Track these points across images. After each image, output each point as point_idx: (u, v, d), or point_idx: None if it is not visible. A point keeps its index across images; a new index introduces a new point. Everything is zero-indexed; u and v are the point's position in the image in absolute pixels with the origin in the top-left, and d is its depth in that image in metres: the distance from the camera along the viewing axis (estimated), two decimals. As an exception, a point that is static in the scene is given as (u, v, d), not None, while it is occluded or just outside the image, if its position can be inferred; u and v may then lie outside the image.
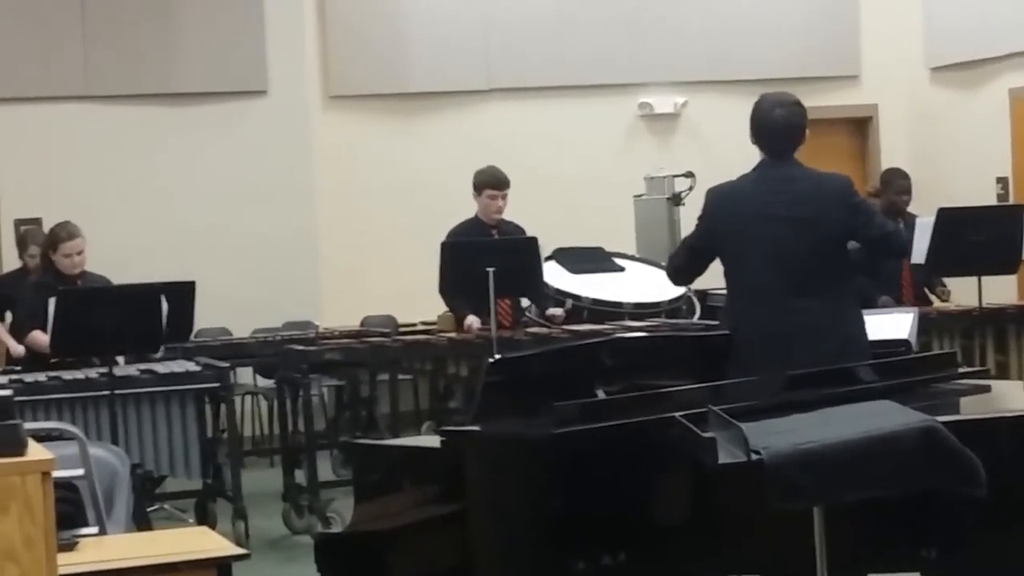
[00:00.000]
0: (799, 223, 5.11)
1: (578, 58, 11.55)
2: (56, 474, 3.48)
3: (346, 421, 9.09)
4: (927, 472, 3.42)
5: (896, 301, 8.03)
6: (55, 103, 10.48)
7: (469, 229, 8.20)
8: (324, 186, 11.02)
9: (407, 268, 10.19)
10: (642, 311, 8.44)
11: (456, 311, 8.24)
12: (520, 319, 8.32)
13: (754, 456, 3.28)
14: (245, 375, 9.71)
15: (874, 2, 12.17)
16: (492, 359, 4.12)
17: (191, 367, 7.32)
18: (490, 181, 8.27)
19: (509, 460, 3.76)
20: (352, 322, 10.27)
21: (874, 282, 7.74)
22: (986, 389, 4.59)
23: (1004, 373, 7.97)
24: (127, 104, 10.63)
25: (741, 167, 5.53)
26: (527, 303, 8.47)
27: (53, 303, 6.92)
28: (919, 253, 8.01)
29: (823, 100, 10.69)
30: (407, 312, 10.49)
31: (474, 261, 7.44)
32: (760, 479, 3.27)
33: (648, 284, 8.89)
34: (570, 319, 8.32)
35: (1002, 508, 3.75)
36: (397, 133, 11.32)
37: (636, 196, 10.62)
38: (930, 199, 9.27)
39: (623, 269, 9.08)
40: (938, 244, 7.87)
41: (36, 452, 3.46)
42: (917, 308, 6.68)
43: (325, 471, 8.14)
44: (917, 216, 8.53)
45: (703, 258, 5.37)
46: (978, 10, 11.19)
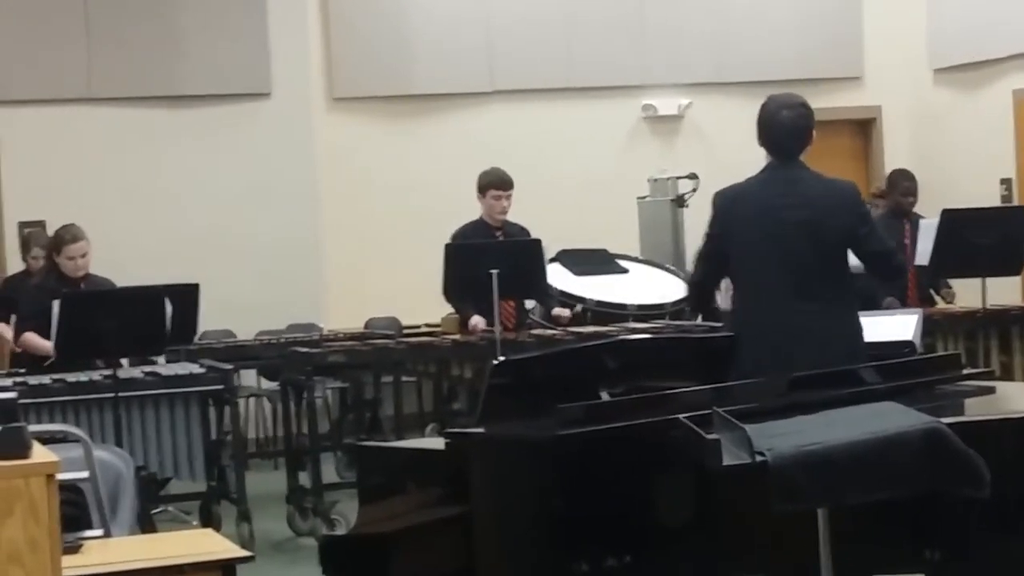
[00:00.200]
0: (804, 226, 5.10)
1: (581, 60, 11.56)
2: (60, 476, 3.48)
3: (350, 423, 9.09)
4: (931, 473, 3.42)
5: (901, 302, 8.02)
6: (59, 105, 10.49)
7: (474, 230, 8.20)
8: (328, 188, 11.03)
9: (411, 270, 10.19)
10: (646, 313, 8.43)
11: (461, 312, 8.25)
12: (524, 321, 8.32)
13: (758, 458, 3.28)
14: (249, 377, 9.72)
15: (877, 3, 12.17)
16: (496, 361, 4.11)
17: (195, 369, 7.32)
18: (494, 181, 8.27)
19: (513, 462, 3.75)
20: (356, 324, 10.27)
21: (879, 284, 7.73)
22: (990, 390, 4.58)
23: (1008, 374, 7.95)
24: (131, 106, 10.64)
25: (745, 168, 5.53)
26: (531, 304, 8.47)
27: (57, 306, 6.92)
28: (923, 254, 8.01)
29: (826, 101, 10.68)
30: (411, 314, 10.50)
31: (478, 263, 7.44)
32: (764, 481, 3.27)
33: (652, 286, 8.89)
34: (574, 321, 8.32)
35: (1006, 509, 3.75)
36: (401, 135, 11.33)
37: (640, 198, 10.62)
38: (934, 200, 9.27)
39: (627, 271, 9.07)
40: (942, 245, 7.86)
41: (40, 455, 3.46)
42: (921, 309, 6.67)
43: (329, 473, 8.14)
44: (920, 218, 8.54)
45: (719, 265, 5.36)
46: (981, 11, 11.18)
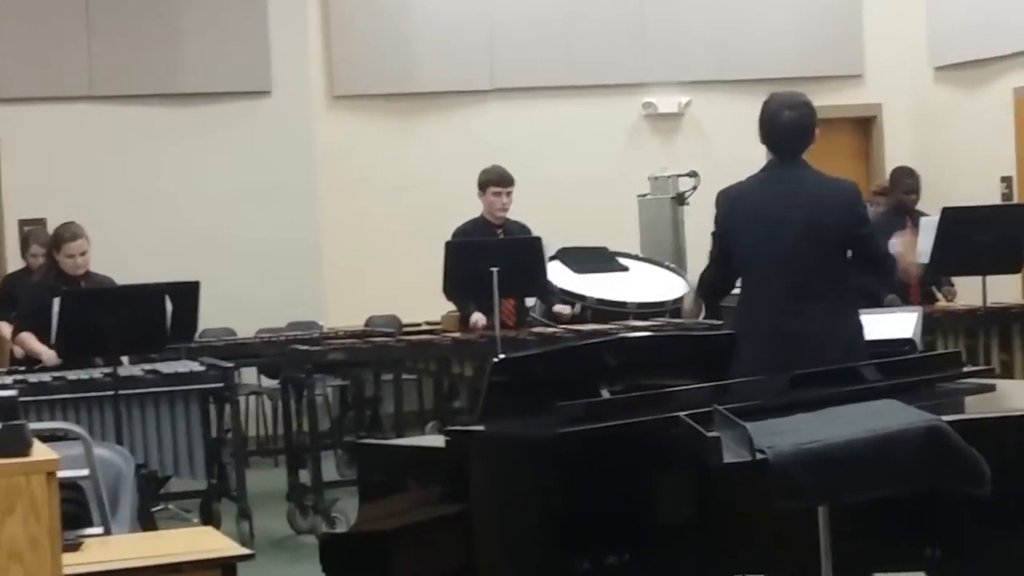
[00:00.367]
0: (805, 225, 5.10)
1: (582, 58, 11.55)
2: (61, 474, 3.49)
3: (350, 421, 9.10)
4: (932, 471, 3.42)
5: (903, 300, 8.02)
6: (59, 103, 10.48)
7: (474, 228, 8.20)
8: (328, 186, 11.03)
9: (411, 268, 10.18)
10: (646, 311, 8.43)
11: (461, 310, 8.25)
12: (525, 319, 8.31)
13: (759, 456, 3.28)
14: (249, 375, 9.72)
15: (878, 1, 12.16)
16: (496, 359, 4.10)
17: (195, 367, 7.32)
18: (494, 178, 8.27)
19: (514, 460, 3.75)
20: (356, 322, 10.27)
21: (881, 281, 7.72)
22: (990, 388, 4.57)
23: (1008, 372, 7.96)
24: (131, 104, 10.64)
25: (745, 166, 5.52)
26: (532, 301, 8.46)
27: (58, 304, 6.92)
28: (923, 253, 8.00)
29: (827, 99, 10.65)
30: (411, 312, 10.50)
31: (478, 261, 7.44)
32: (765, 479, 3.27)
33: (652, 284, 8.89)
34: (575, 319, 8.32)
35: (1007, 507, 3.75)
36: (401, 133, 11.33)
37: (640, 196, 10.62)
38: (934, 198, 9.26)
39: (627, 269, 9.07)
40: (942, 243, 7.86)
41: (41, 452, 3.47)
42: (921, 307, 6.67)
43: (329, 471, 8.14)
44: (922, 215, 8.53)
45: (729, 265, 5.36)
46: (982, 9, 11.18)
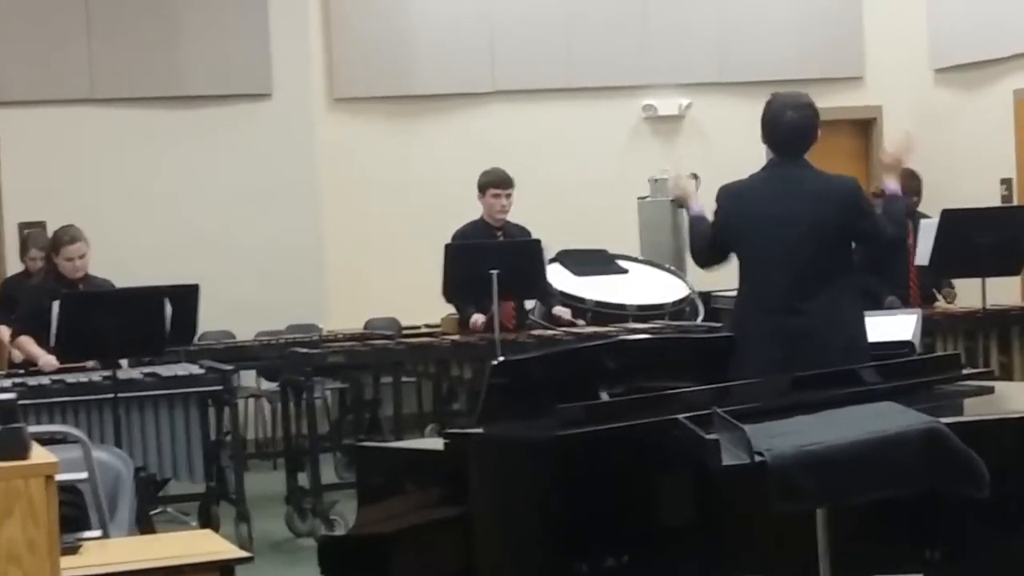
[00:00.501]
0: (806, 224, 5.11)
1: (582, 60, 11.55)
2: (59, 477, 3.49)
3: (349, 424, 9.10)
4: (931, 473, 3.41)
5: (903, 302, 8.02)
6: (59, 106, 10.48)
7: (474, 230, 8.20)
8: (328, 188, 11.02)
9: (411, 270, 10.18)
10: (646, 313, 8.43)
11: (460, 312, 8.25)
12: (524, 321, 8.31)
13: (758, 458, 3.28)
14: (248, 378, 9.72)
15: (878, 3, 12.16)
16: (496, 361, 4.10)
17: (195, 370, 7.32)
18: (494, 180, 8.27)
19: (513, 462, 3.75)
20: (356, 325, 10.27)
21: (882, 282, 7.73)
22: (989, 390, 4.57)
23: (1008, 374, 7.96)
24: (131, 107, 10.64)
25: (746, 168, 5.53)
26: (531, 304, 8.46)
27: (57, 306, 6.92)
28: (923, 255, 8.00)
29: (827, 101, 10.56)
30: (410, 314, 10.50)
31: (478, 263, 7.44)
32: (764, 481, 3.27)
33: (652, 286, 8.89)
34: (575, 317, 8.33)
35: (1006, 509, 3.75)
36: (401, 135, 11.33)
37: (640, 198, 10.62)
38: (934, 200, 9.25)
39: (627, 271, 9.07)
40: (942, 245, 7.86)
41: (40, 455, 3.46)
42: (920, 309, 6.67)
43: (328, 474, 8.14)
44: (923, 217, 8.52)
45: (721, 250, 5.47)
46: (982, 11, 11.18)
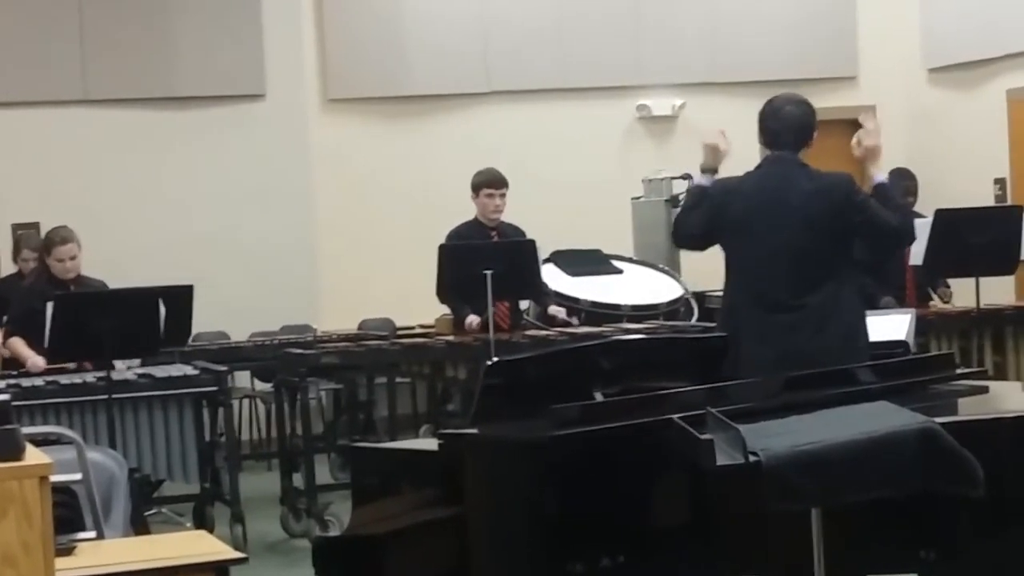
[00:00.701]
0: (801, 221, 5.11)
1: (576, 60, 11.55)
2: (54, 478, 3.48)
3: (344, 424, 9.10)
4: (925, 473, 3.41)
5: (899, 301, 8.02)
6: (53, 107, 10.48)
7: (468, 231, 8.20)
8: (322, 189, 11.02)
9: (405, 271, 10.18)
10: (640, 313, 8.43)
11: (455, 313, 8.25)
12: (519, 321, 8.31)
13: (752, 458, 3.28)
14: (243, 379, 9.72)
15: (872, 3, 12.17)
16: (490, 362, 4.11)
17: (189, 371, 7.32)
18: (487, 180, 8.28)
19: (507, 463, 3.75)
20: (350, 325, 10.27)
21: (877, 282, 7.74)
22: (984, 390, 4.57)
23: (1002, 374, 7.97)
24: (125, 108, 10.63)
25: (739, 168, 5.54)
26: (526, 304, 8.46)
27: (51, 307, 6.91)
28: (917, 255, 8.01)
29: (820, 101, 10.53)
30: (405, 315, 10.50)
31: (472, 263, 7.44)
32: (758, 481, 3.27)
33: (646, 286, 8.89)
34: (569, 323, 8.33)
35: (1000, 509, 3.75)
36: (396, 136, 11.32)
37: (634, 198, 10.63)
38: (928, 200, 9.27)
39: (621, 271, 9.07)
40: (936, 245, 7.87)
41: (34, 456, 3.46)
42: (915, 309, 6.68)
43: (323, 474, 8.14)
44: (917, 217, 8.52)
45: (707, 241, 5.46)
46: (976, 11, 11.19)
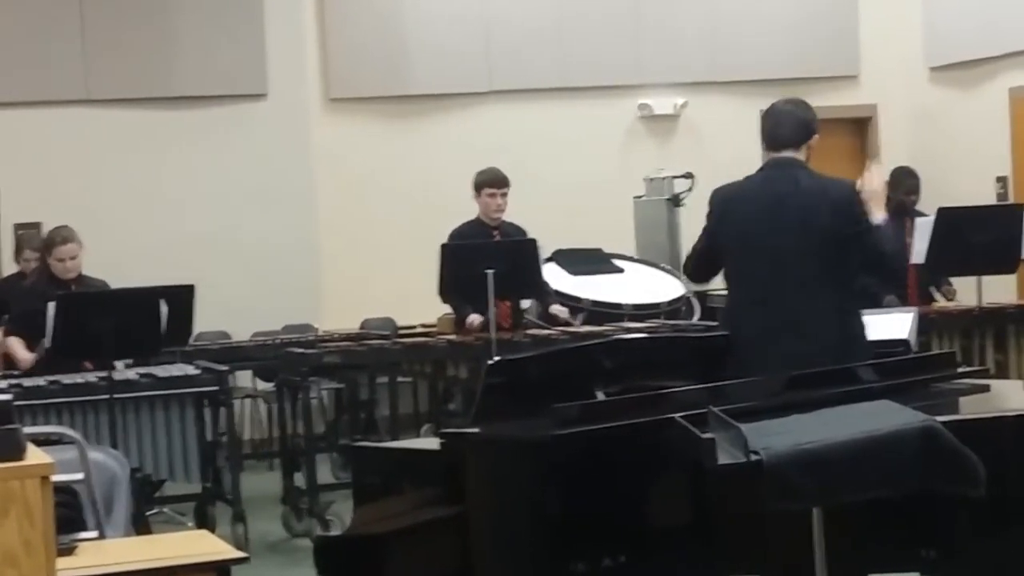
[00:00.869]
0: (801, 226, 5.09)
1: (578, 60, 11.55)
2: (55, 478, 3.48)
3: (345, 424, 9.09)
4: (926, 472, 3.41)
5: (901, 300, 8.02)
6: (55, 107, 10.48)
7: (470, 230, 8.20)
8: (324, 189, 11.02)
9: (407, 271, 10.18)
10: (642, 312, 8.44)
11: (457, 312, 8.25)
12: (520, 321, 8.31)
13: (753, 457, 3.27)
14: (244, 378, 9.72)
15: (873, 2, 12.16)
16: (491, 361, 4.11)
17: (190, 371, 7.31)
18: (489, 179, 8.28)
19: (509, 462, 3.75)
20: (351, 325, 10.27)
21: (881, 282, 7.72)
22: (985, 389, 4.57)
23: (1003, 373, 7.96)
24: (127, 108, 10.63)
25: (741, 167, 5.53)
26: (528, 303, 8.46)
27: (53, 307, 6.91)
28: (919, 253, 8.01)
29: (822, 100, 10.65)
30: (406, 314, 10.50)
31: (474, 263, 7.44)
32: (759, 480, 3.27)
33: (648, 285, 8.90)
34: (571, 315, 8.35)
35: (1002, 508, 3.74)
36: (397, 135, 11.32)
37: (636, 197, 10.64)
38: (930, 199, 9.27)
39: (622, 270, 9.08)
40: (937, 244, 7.86)
41: (35, 456, 3.46)
42: (916, 308, 6.67)
43: (324, 474, 8.14)
44: (919, 216, 8.53)
45: (714, 260, 5.38)
46: (977, 9, 11.19)
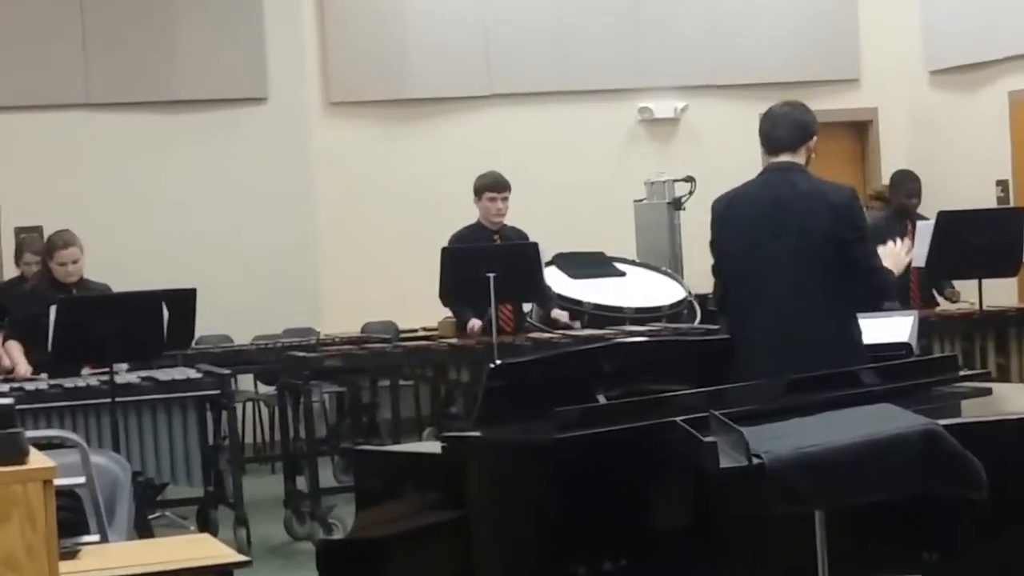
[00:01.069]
0: (799, 229, 5.09)
1: (578, 63, 11.56)
2: (57, 482, 3.48)
3: (347, 427, 9.10)
4: (928, 475, 3.42)
5: (903, 303, 8.01)
6: (55, 111, 10.48)
7: (471, 234, 8.19)
8: (324, 192, 11.02)
9: (408, 274, 10.18)
10: (643, 316, 8.44)
11: (458, 316, 8.25)
12: (522, 324, 8.32)
13: (755, 460, 3.28)
14: (246, 382, 9.71)
15: (873, 5, 12.17)
16: (493, 364, 4.11)
17: (192, 374, 7.32)
18: (489, 183, 8.27)
19: (510, 465, 3.75)
20: (353, 328, 10.28)
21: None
22: (987, 392, 4.57)
23: (1005, 376, 7.97)
24: (127, 112, 10.64)
25: (741, 171, 5.53)
26: (529, 307, 8.46)
27: (54, 311, 6.91)
28: (920, 257, 8.01)
29: (823, 104, 10.67)
30: (408, 318, 10.50)
31: (475, 267, 7.44)
32: (761, 483, 3.27)
33: (649, 289, 8.90)
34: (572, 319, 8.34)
35: (1003, 511, 3.75)
36: (397, 139, 11.33)
37: (636, 201, 10.63)
38: (930, 202, 9.26)
39: (624, 274, 9.07)
40: (938, 247, 7.86)
41: (37, 460, 3.46)
42: (917, 311, 6.67)
43: (326, 477, 8.14)
44: (920, 219, 8.52)
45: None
46: (977, 13, 11.19)
